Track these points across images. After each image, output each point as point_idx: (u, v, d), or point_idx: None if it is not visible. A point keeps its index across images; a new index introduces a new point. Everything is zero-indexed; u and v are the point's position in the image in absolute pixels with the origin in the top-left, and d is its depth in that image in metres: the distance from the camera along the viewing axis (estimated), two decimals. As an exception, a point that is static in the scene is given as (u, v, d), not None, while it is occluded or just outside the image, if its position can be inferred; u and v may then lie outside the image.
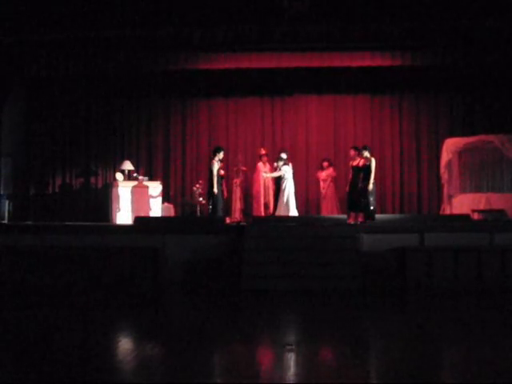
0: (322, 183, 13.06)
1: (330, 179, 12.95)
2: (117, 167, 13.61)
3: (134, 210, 12.26)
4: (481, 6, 11.09)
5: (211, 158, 11.83)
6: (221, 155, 11.71)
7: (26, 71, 12.81)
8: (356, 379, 4.48)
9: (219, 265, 9.47)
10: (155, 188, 12.76)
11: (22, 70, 12.78)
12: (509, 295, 8.79)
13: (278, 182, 12.12)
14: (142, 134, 14.44)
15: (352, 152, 11.88)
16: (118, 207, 12.44)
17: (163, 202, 13.08)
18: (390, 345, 5.59)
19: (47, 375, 4.58)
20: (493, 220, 10.46)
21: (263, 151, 13.16)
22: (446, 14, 11.34)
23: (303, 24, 11.61)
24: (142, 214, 11.80)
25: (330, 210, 12.60)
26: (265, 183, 12.84)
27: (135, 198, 12.48)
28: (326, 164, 13.06)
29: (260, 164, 13.03)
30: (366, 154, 11.18)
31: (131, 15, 11.41)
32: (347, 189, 11.76)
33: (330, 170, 13.01)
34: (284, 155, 12.16)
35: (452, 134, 13.41)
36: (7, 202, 12.80)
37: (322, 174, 13.04)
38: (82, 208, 13.99)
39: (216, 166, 11.55)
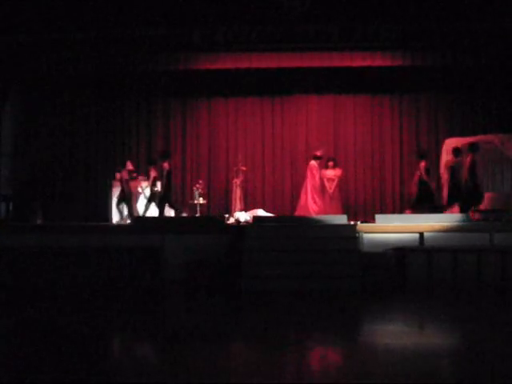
0: (326, 183, 12.94)
1: (337, 179, 12.88)
2: (117, 167, 13.60)
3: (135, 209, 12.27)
4: (480, 6, 11.10)
5: (162, 161, 11.77)
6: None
7: (26, 71, 12.81)
8: (356, 379, 4.48)
9: (219, 265, 9.47)
10: (155, 188, 12.74)
11: (21, 70, 12.78)
12: (508, 295, 8.80)
13: None
14: (142, 134, 14.44)
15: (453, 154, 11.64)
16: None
17: (163, 202, 13.06)
18: (390, 345, 5.59)
19: (47, 375, 4.58)
20: (493, 220, 10.46)
21: (318, 153, 13.00)
22: (446, 15, 11.35)
23: (303, 24, 11.62)
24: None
25: (335, 211, 12.50)
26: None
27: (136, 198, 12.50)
28: (331, 164, 12.95)
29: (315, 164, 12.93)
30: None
31: (131, 15, 11.42)
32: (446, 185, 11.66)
33: (338, 171, 12.93)
34: None
35: (452, 134, 13.40)
36: (7, 202, 12.81)
37: (327, 174, 12.95)
38: (82, 208, 13.98)
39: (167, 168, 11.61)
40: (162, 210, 11.54)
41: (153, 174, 11.96)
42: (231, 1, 11.31)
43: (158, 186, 11.85)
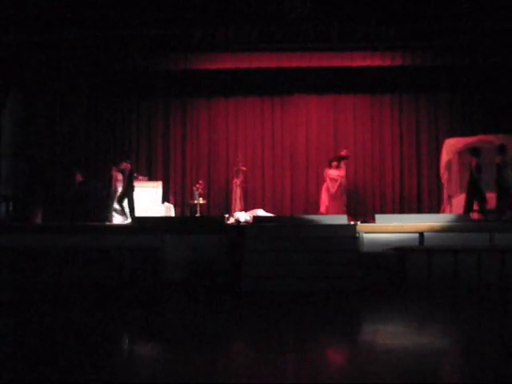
0: (329, 183, 12.89)
1: (340, 180, 12.86)
2: (117, 167, 13.58)
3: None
4: (480, 6, 11.10)
5: (122, 161, 11.73)
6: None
7: (26, 71, 12.81)
8: (357, 379, 4.48)
9: (219, 265, 9.47)
10: (155, 188, 12.76)
11: (21, 70, 12.78)
12: (508, 295, 8.80)
13: None
14: (142, 133, 14.44)
15: None
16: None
17: (163, 202, 13.07)
18: (390, 345, 5.59)
19: (47, 375, 4.58)
20: (493, 220, 10.45)
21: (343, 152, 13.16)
22: (446, 15, 11.35)
23: (303, 24, 11.62)
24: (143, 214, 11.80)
25: (337, 211, 12.47)
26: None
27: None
28: (335, 164, 12.95)
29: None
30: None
31: (131, 15, 11.42)
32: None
33: (342, 172, 12.91)
34: None
35: (452, 134, 13.41)
36: (7, 202, 12.81)
37: (330, 173, 12.92)
38: (82, 208, 13.95)
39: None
40: (122, 210, 11.51)
41: (115, 174, 12.05)
42: (231, 1, 11.31)
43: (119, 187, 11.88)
